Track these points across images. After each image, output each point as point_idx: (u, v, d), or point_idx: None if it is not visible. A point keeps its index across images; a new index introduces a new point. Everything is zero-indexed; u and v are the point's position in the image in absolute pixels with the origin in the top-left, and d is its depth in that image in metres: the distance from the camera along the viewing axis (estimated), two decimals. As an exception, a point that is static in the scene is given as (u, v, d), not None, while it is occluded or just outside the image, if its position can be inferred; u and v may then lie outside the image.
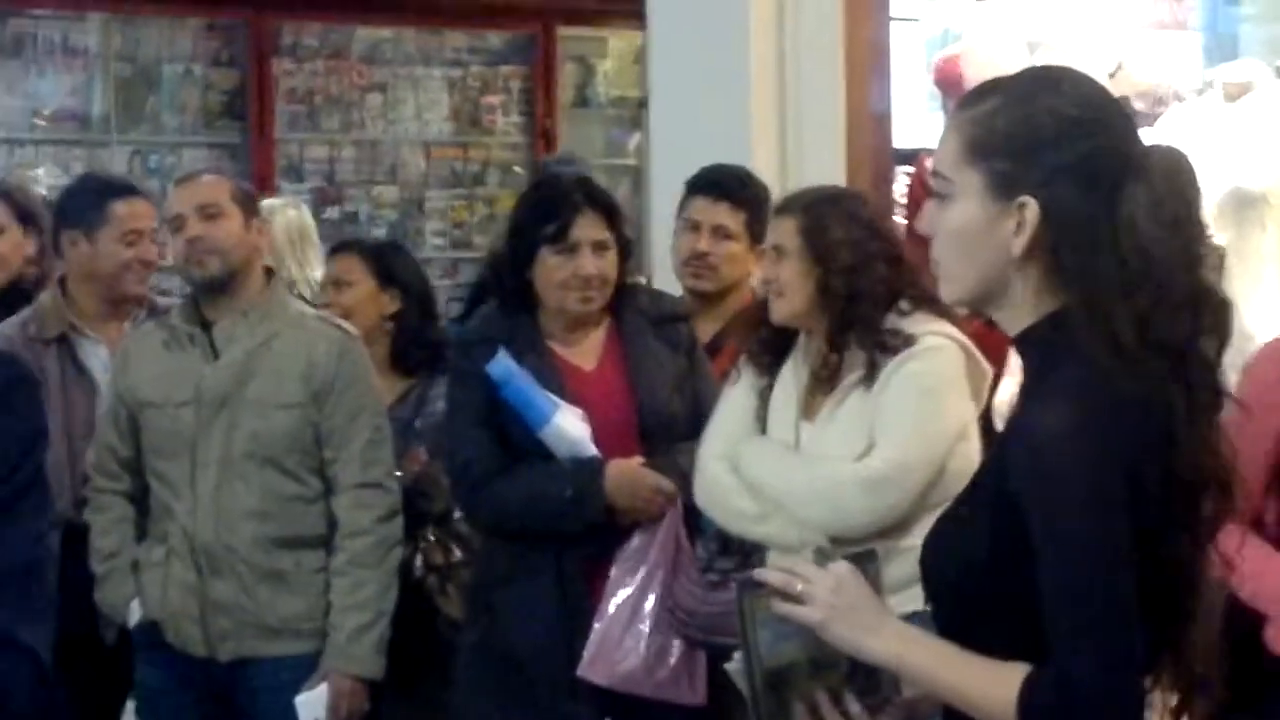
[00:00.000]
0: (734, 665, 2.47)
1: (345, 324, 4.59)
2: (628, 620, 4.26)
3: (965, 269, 2.36)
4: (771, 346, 4.13)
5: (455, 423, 4.46)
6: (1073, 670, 2.20)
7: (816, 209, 4.01)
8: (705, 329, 4.74)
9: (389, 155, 10.05)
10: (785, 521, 3.96)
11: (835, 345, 3.98)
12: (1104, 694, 2.20)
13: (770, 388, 4.11)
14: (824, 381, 4.02)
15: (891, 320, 3.92)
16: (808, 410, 4.04)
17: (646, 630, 4.25)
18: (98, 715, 4.78)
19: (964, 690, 2.27)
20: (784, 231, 4.02)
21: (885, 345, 3.90)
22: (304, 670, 4.33)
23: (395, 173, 10.04)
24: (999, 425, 3.23)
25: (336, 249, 5.32)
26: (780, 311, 4.03)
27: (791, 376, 4.09)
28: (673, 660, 4.26)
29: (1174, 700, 2.41)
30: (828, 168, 5.92)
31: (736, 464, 4.07)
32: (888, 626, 2.34)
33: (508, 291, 4.46)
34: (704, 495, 4.15)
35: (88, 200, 4.91)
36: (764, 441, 4.09)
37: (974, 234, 2.33)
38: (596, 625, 4.27)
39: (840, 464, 3.91)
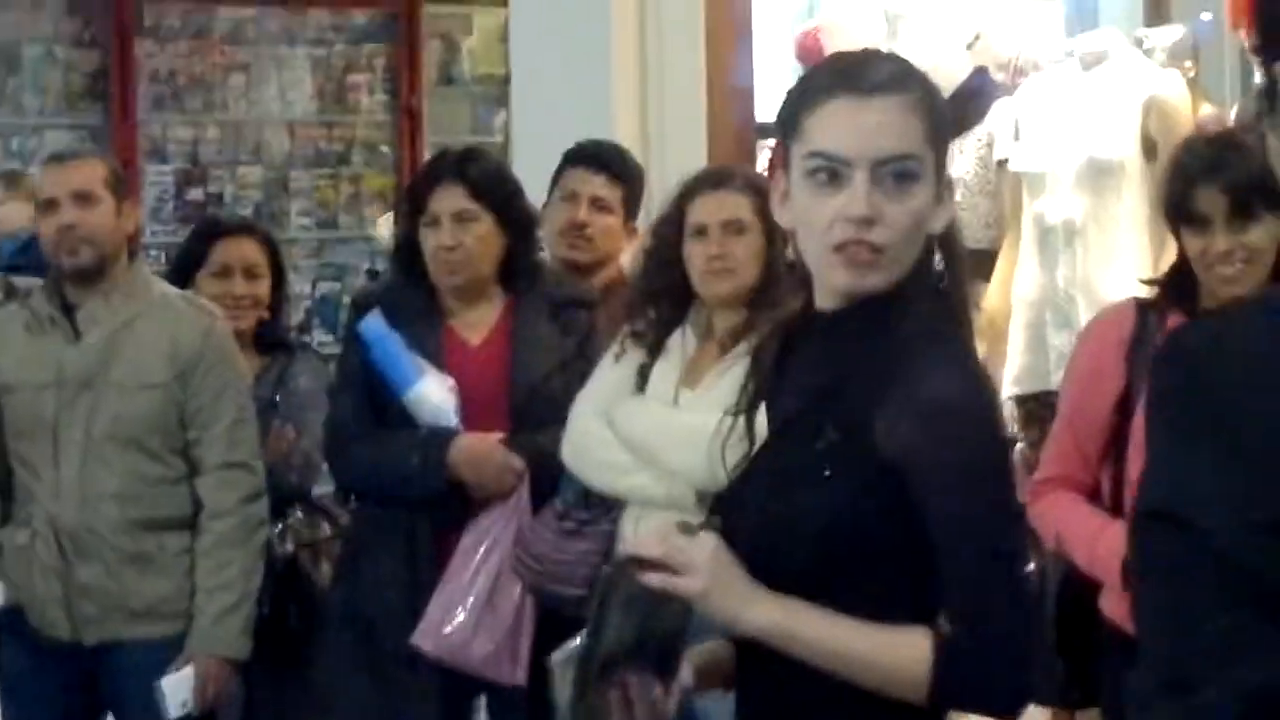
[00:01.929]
0: (560, 655, 2.44)
1: (209, 304, 4.54)
2: (461, 592, 4.27)
3: (911, 251, 2.37)
4: (661, 325, 4.11)
5: (335, 383, 4.55)
6: (990, 629, 2.24)
7: (759, 185, 3.99)
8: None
9: (253, 135, 9.94)
10: (654, 475, 3.97)
11: (750, 321, 3.96)
12: (1019, 649, 2.24)
13: (651, 365, 4.10)
14: (711, 353, 4.03)
15: None
16: (690, 379, 4.04)
17: (473, 603, 4.25)
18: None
19: (861, 655, 2.28)
20: (739, 207, 3.99)
21: None
22: (170, 652, 4.29)
23: (260, 153, 9.95)
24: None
25: (229, 232, 5.13)
26: (725, 288, 4.00)
27: (678, 347, 4.09)
28: (497, 637, 4.26)
29: None
30: (690, 143, 5.96)
31: (611, 419, 4.07)
32: (763, 595, 2.33)
33: (402, 262, 4.50)
34: (572, 447, 4.15)
35: None
36: (642, 400, 4.09)
37: (928, 214, 2.37)
38: (436, 593, 4.28)
39: (719, 419, 3.85)
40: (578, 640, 2.39)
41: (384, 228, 7.97)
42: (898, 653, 2.26)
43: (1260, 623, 1.61)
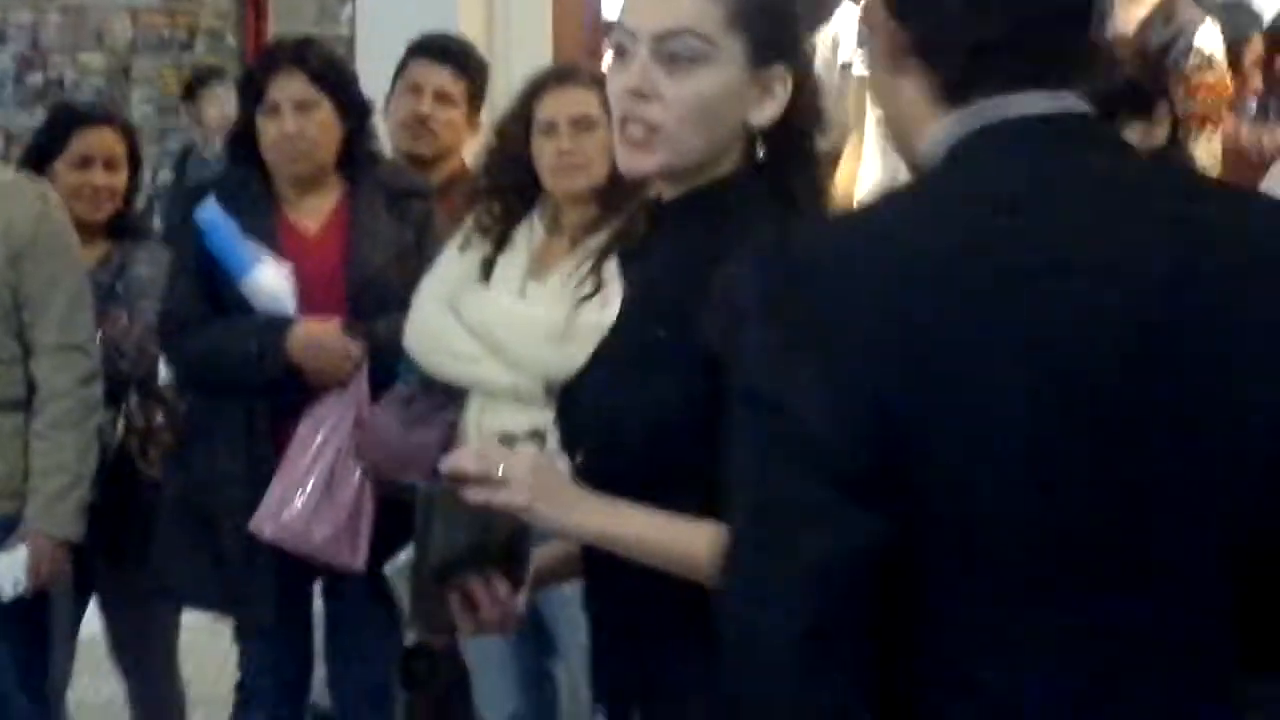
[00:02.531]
0: (392, 568, 2.46)
1: (43, 183, 4.49)
2: (300, 477, 4.29)
3: (697, 136, 2.32)
4: (506, 219, 4.11)
5: (170, 270, 4.49)
6: None
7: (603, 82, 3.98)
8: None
9: (95, 20, 9.80)
10: (500, 365, 3.99)
11: (601, 216, 3.96)
12: None
13: (495, 258, 4.10)
14: (560, 247, 4.04)
15: None
16: (536, 272, 4.05)
17: (312, 488, 4.27)
18: None
19: (673, 550, 2.26)
20: (588, 102, 3.97)
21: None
22: (3, 533, 4.25)
23: (101, 39, 9.81)
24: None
25: (89, 121, 4.98)
26: (577, 184, 3.99)
27: (524, 240, 4.08)
28: (337, 522, 4.28)
29: None
30: (535, 38, 5.96)
31: (456, 308, 4.07)
32: (588, 501, 2.32)
33: (238, 151, 4.48)
34: (416, 335, 4.15)
35: None
36: (487, 290, 4.09)
37: (724, 100, 2.32)
38: (275, 480, 4.29)
39: (566, 311, 3.80)
40: (408, 552, 2.41)
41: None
42: (699, 546, 2.21)
43: (838, 501, 1.68)
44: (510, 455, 2.34)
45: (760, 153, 2.38)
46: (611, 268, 3.38)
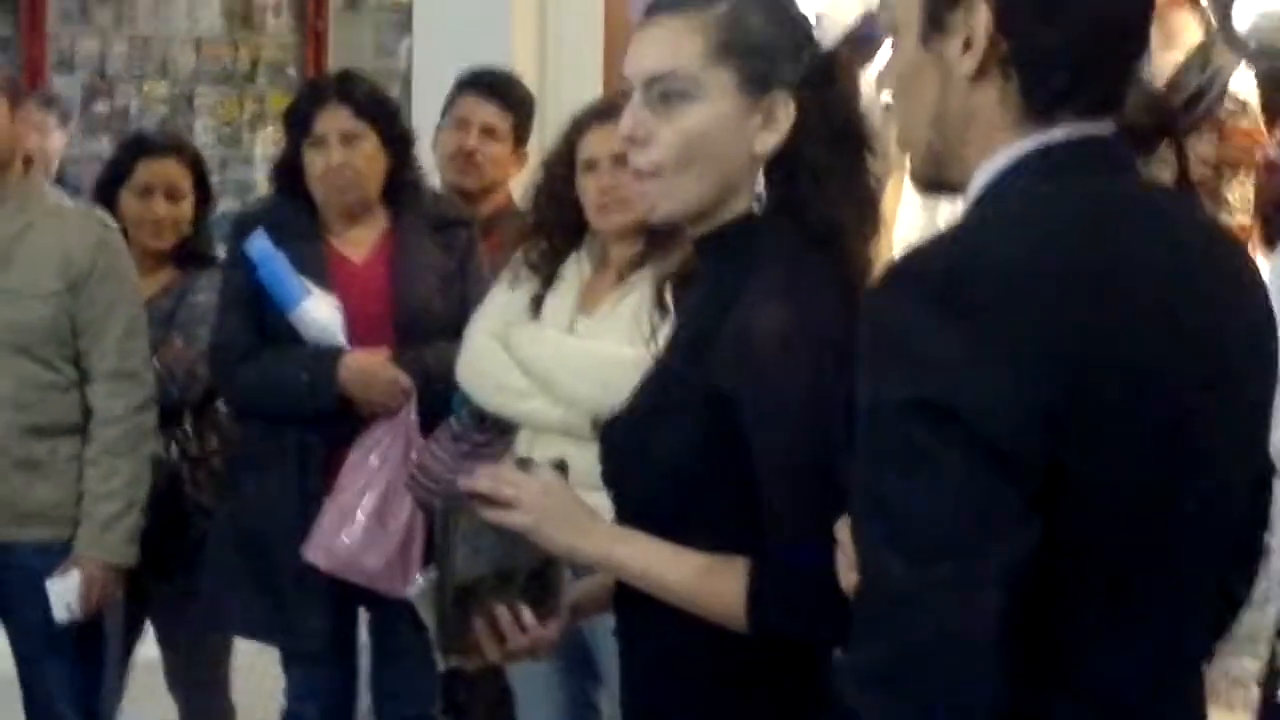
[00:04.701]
0: (415, 590, 2.45)
1: (104, 215, 4.50)
2: (351, 507, 4.30)
3: (697, 173, 2.30)
4: (554, 256, 4.09)
5: (221, 303, 4.50)
6: (800, 557, 2.19)
7: None
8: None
9: (160, 51, 9.86)
10: (549, 401, 3.96)
11: (646, 250, 3.93)
12: (830, 577, 2.19)
13: (545, 295, 4.08)
14: (607, 281, 4.01)
15: None
16: (586, 306, 4.03)
17: (364, 518, 4.28)
18: None
19: (688, 585, 2.26)
20: None
21: None
22: (57, 556, 4.27)
23: (165, 68, 9.86)
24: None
25: (154, 151, 4.93)
26: (620, 220, 3.92)
27: (573, 276, 4.06)
28: (388, 551, 4.29)
29: None
30: (587, 70, 5.99)
31: (507, 343, 4.06)
32: (598, 528, 2.33)
33: (285, 182, 4.49)
34: (468, 369, 4.14)
35: None
36: (538, 325, 4.07)
37: (719, 133, 2.29)
38: (326, 508, 4.30)
39: (615, 347, 3.82)
40: (430, 573, 2.40)
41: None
42: (717, 582, 2.24)
43: (1022, 504, 1.71)
44: (523, 478, 2.36)
45: (762, 185, 2.34)
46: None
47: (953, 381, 1.72)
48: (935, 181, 2.02)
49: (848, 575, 2.06)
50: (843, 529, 2.08)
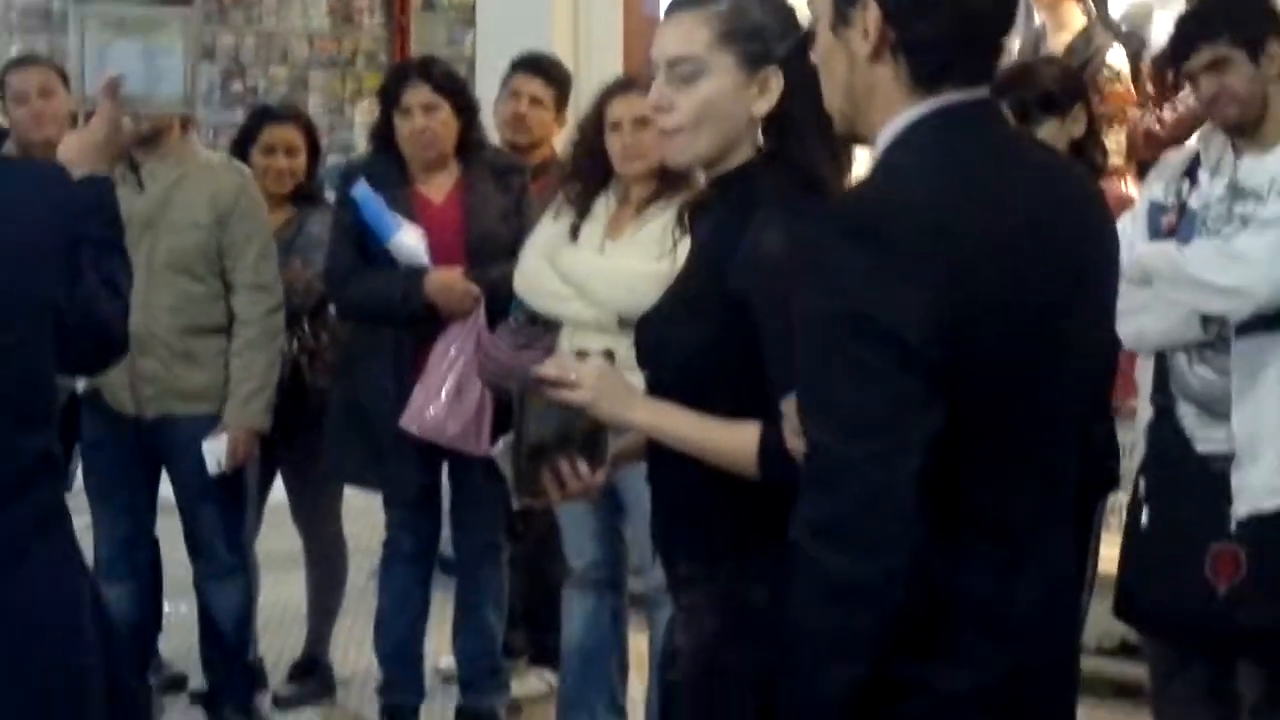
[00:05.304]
0: (497, 450, 2.46)
1: (242, 166, 4.54)
2: (436, 386, 4.31)
3: (709, 131, 2.29)
4: (588, 194, 4.10)
5: (332, 235, 4.50)
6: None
7: None
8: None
9: (281, 43, 9.82)
10: (585, 303, 3.99)
11: (658, 189, 3.94)
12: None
13: (580, 224, 4.10)
14: (629, 213, 4.02)
15: None
16: (612, 233, 4.05)
17: (445, 395, 4.30)
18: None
19: (713, 444, 2.25)
20: (645, 106, 3.71)
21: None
22: (209, 425, 4.31)
23: (286, 56, 9.83)
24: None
25: (275, 118, 4.94)
26: (638, 168, 3.96)
27: (603, 209, 4.09)
28: (465, 419, 4.30)
29: None
30: (610, 53, 6.05)
31: (552, 260, 4.08)
32: (640, 401, 2.33)
33: (380, 142, 4.49)
34: (523, 280, 4.17)
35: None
36: (575, 248, 4.08)
37: (725, 100, 2.29)
38: (416, 388, 4.31)
39: (634, 263, 3.89)
40: (508, 437, 2.41)
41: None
42: (734, 440, 2.23)
43: (930, 391, 1.74)
44: (582, 365, 2.35)
45: (762, 139, 2.32)
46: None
47: (870, 295, 1.72)
48: (851, 137, 2.05)
49: (794, 440, 2.08)
50: (788, 405, 2.08)
